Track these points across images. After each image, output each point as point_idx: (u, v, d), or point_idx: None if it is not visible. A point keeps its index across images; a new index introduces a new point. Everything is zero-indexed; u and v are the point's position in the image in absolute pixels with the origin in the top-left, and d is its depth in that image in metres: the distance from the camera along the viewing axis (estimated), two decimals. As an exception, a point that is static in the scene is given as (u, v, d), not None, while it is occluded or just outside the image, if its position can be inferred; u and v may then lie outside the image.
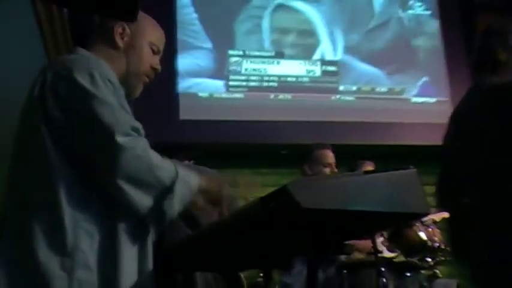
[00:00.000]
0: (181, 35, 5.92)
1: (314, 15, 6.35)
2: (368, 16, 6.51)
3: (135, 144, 1.71)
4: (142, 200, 1.70)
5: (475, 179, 2.42)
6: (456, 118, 2.60)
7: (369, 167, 4.80)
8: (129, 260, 1.75)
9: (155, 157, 1.74)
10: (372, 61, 6.38)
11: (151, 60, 2.04)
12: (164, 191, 1.72)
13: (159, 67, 2.07)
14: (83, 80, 1.73)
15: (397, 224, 3.15)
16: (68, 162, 1.73)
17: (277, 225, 1.56)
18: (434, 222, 4.30)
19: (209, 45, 5.98)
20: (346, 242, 1.98)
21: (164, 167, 1.75)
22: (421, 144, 5.38)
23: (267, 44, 6.17)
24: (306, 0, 6.37)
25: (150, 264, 1.81)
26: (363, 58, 6.36)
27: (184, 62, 5.86)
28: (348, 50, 6.35)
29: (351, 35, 6.38)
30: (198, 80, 5.88)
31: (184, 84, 5.82)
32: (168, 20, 5.80)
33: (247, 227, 1.63)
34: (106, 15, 1.83)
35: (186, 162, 3.40)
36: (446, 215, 3.37)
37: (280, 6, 6.29)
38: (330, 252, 3.02)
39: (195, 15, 6.03)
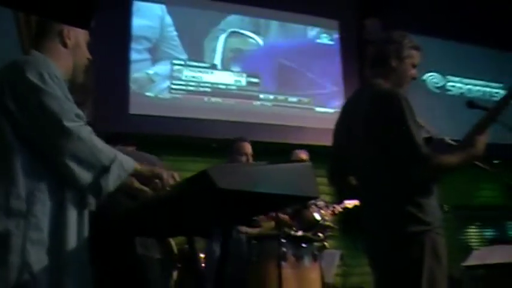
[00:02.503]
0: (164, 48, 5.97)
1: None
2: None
3: (80, 130, 1.71)
4: (84, 176, 1.70)
5: (357, 162, 2.42)
6: (347, 109, 2.55)
7: (303, 155, 4.86)
8: (73, 224, 1.75)
9: (97, 141, 1.74)
10: (288, 76, 6.47)
11: (87, 54, 2.04)
12: (103, 170, 1.71)
13: (90, 57, 2.07)
14: (34, 78, 1.73)
15: (294, 204, 3.19)
16: (24, 144, 1.72)
17: (199, 201, 1.57)
18: (346, 208, 4.42)
19: (184, 56, 6.02)
20: (254, 217, 2.01)
21: (104, 150, 1.74)
22: (321, 145, 5.46)
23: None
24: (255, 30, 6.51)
25: (86, 228, 1.81)
26: (282, 74, 6.45)
27: (137, 66, 5.79)
28: (272, 67, 6.43)
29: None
30: (147, 83, 5.81)
31: (134, 85, 5.73)
32: (124, 33, 5.72)
33: (176, 202, 1.64)
34: (63, 22, 1.80)
35: (130, 148, 3.34)
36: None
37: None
38: (241, 224, 3.04)
39: (175, 33, 6.03)
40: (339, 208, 4.75)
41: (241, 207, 1.65)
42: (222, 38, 6.27)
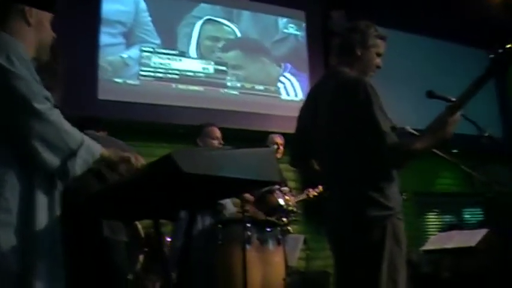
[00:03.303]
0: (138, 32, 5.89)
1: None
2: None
3: (49, 112, 1.69)
4: (52, 159, 1.68)
5: (322, 148, 2.43)
6: (312, 96, 2.55)
7: (278, 139, 4.90)
8: (42, 207, 1.73)
9: (66, 125, 1.72)
10: (255, 65, 6.48)
11: (51, 32, 1.99)
12: (70, 154, 1.70)
13: (54, 35, 2.01)
14: (2, 60, 1.69)
15: (256, 188, 3.19)
16: None
17: (164, 185, 1.57)
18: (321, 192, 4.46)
19: (158, 41, 5.96)
20: (219, 201, 2.02)
21: (72, 133, 1.73)
22: (286, 132, 5.49)
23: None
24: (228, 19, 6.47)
25: (57, 211, 1.79)
26: (249, 62, 6.45)
27: (111, 50, 5.72)
28: (241, 55, 6.42)
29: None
30: (116, 69, 5.73)
31: (109, 67, 5.65)
32: (94, 18, 5.63)
33: (141, 186, 1.64)
34: (28, 4, 1.78)
35: (101, 133, 3.31)
36: None
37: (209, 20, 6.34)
38: (206, 208, 3.04)
39: (149, 19, 5.95)
40: (314, 192, 4.81)
41: (205, 191, 1.65)
42: (198, 25, 6.24)
